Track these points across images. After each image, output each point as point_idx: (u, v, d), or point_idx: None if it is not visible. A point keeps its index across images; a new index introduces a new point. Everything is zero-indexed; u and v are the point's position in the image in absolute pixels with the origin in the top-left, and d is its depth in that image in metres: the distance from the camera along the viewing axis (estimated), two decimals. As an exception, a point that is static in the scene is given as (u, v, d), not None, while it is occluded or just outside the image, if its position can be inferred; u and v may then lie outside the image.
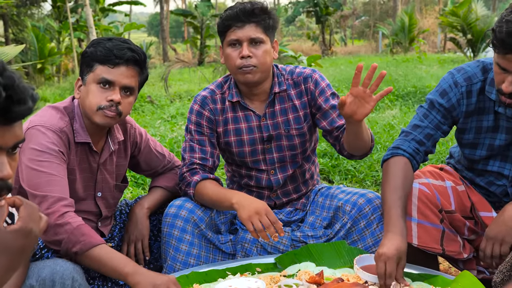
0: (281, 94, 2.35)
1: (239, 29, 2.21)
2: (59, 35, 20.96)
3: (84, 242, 1.79)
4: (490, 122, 2.12)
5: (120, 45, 1.99)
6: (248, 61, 2.20)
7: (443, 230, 2.07)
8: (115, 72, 1.97)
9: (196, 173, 2.25)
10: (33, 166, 1.88)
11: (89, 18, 10.74)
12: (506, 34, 1.80)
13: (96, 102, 1.97)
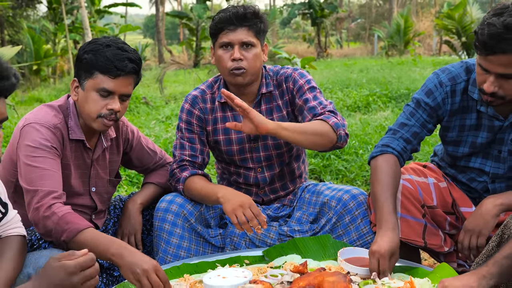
0: (267, 95, 2.43)
1: (231, 32, 2.28)
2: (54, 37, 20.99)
3: (70, 230, 1.85)
4: (473, 121, 2.20)
5: (120, 54, 2.03)
6: (239, 63, 2.27)
7: (425, 224, 2.15)
8: (115, 83, 2.03)
9: (185, 169, 2.33)
10: (28, 162, 1.95)
11: (85, 20, 10.78)
12: (487, 36, 1.87)
13: (96, 110, 2.04)
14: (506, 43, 1.83)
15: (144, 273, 1.73)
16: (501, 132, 2.15)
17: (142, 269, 1.74)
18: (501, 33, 1.83)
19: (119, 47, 2.06)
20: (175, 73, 17.57)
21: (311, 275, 1.72)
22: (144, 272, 1.73)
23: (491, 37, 1.85)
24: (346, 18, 37.65)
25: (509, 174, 2.21)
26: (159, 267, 1.78)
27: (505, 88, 1.94)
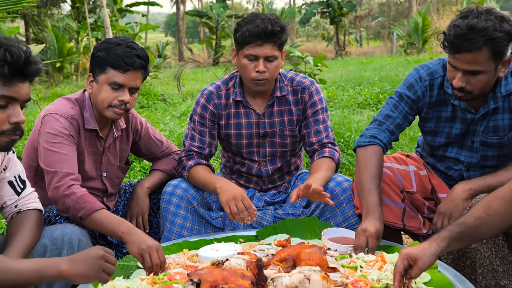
0: (280, 98, 2.65)
1: (258, 47, 2.45)
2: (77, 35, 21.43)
3: (87, 208, 2.11)
4: (448, 113, 2.40)
5: (129, 52, 2.28)
6: (262, 75, 2.48)
7: (404, 208, 2.36)
8: (125, 77, 2.28)
9: (191, 158, 2.57)
10: (48, 147, 2.22)
11: (106, 19, 11.09)
12: (454, 36, 2.09)
13: (108, 101, 2.30)
14: (469, 42, 2.04)
15: (147, 249, 1.98)
16: (474, 124, 2.36)
17: (146, 246, 1.99)
18: (465, 33, 2.04)
19: (128, 45, 2.32)
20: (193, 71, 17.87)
21: (291, 247, 1.95)
22: (148, 248, 1.98)
23: (457, 37, 2.06)
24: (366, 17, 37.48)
25: (481, 163, 2.41)
26: (160, 247, 2.02)
27: (472, 83, 2.14)
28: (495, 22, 2.03)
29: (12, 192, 1.97)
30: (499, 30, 2.03)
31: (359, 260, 1.97)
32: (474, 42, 2.04)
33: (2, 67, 1.61)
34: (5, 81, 1.64)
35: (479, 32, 2.03)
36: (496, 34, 2.02)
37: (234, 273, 1.71)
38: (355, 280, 1.81)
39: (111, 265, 1.69)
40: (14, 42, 1.64)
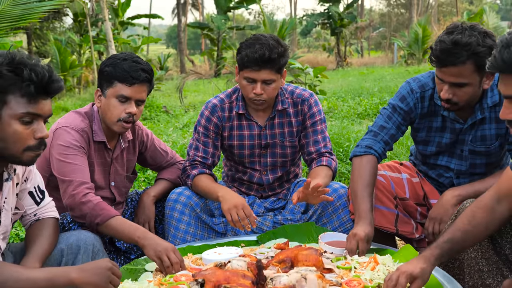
0: (281, 111, 2.78)
1: (255, 72, 2.56)
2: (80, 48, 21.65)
3: (103, 215, 2.25)
4: (438, 123, 2.53)
5: (135, 66, 2.42)
6: (260, 97, 2.61)
7: (397, 214, 2.49)
8: (131, 90, 2.42)
9: (195, 168, 2.70)
10: (61, 158, 2.35)
11: (108, 33, 11.28)
12: (440, 51, 2.23)
13: (116, 115, 2.44)
14: (454, 57, 2.18)
15: (164, 251, 2.12)
16: (462, 133, 2.49)
17: (163, 248, 2.13)
18: (450, 48, 2.18)
19: (134, 60, 2.46)
20: (195, 83, 18.05)
21: (289, 250, 2.08)
22: (165, 251, 2.12)
23: (442, 52, 2.20)
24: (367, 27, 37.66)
25: (470, 171, 2.54)
26: (175, 248, 2.16)
27: (458, 95, 2.28)
28: (478, 38, 2.17)
29: (32, 202, 2.09)
30: (482, 45, 2.17)
31: (353, 261, 2.10)
32: (459, 57, 2.18)
33: (28, 87, 1.73)
34: (30, 99, 1.76)
35: (463, 47, 2.17)
36: (480, 48, 2.16)
37: (236, 273, 1.83)
38: (349, 280, 1.93)
39: (117, 277, 1.81)
40: (38, 62, 1.77)
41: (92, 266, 1.80)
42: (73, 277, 1.73)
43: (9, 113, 1.75)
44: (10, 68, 1.73)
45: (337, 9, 27.86)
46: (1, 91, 1.73)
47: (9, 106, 1.75)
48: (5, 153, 1.79)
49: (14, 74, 1.73)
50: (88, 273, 1.75)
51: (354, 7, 30.24)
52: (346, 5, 28.48)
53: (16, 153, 1.79)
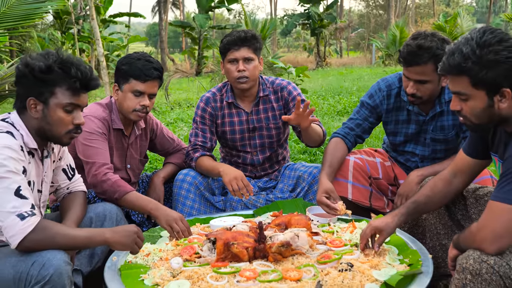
0: (263, 97, 3.21)
1: (236, 51, 3.08)
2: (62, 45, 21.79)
3: (120, 191, 2.65)
4: (404, 117, 2.99)
5: (147, 65, 2.83)
6: (243, 73, 3.08)
7: (371, 191, 2.94)
8: (145, 85, 2.83)
9: (197, 151, 3.13)
10: (86, 143, 2.75)
11: (96, 31, 11.55)
12: (406, 53, 2.68)
13: (132, 106, 2.84)
14: (418, 58, 2.64)
15: (174, 220, 2.53)
16: (425, 124, 2.95)
17: (173, 218, 2.53)
18: (415, 51, 2.64)
19: (146, 59, 2.87)
20: (178, 81, 18.37)
21: (283, 216, 2.52)
22: (174, 219, 2.53)
23: (408, 54, 2.66)
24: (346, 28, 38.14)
25: (432, 156, 3.00)
26: (183, 217, 2.57)
27: (421, 90, 2.74)
28: (437, 43, 2.63)
29: (65, 177, 2.49)
30: (441, 49, 2.63)
31: (336, 227, 2.55)
32: (422, 58, 2.64)
33: (74, 82, 2.13)
34: (74, 92, 2.16)
35: (425, 50, 2.63)
36: (438, 51, 2.62)
37: (241, 233, 2.26)
38: (332, 239, 2.38)
39: (141, 240, 2.21)
40: (81, 62, 2.17)
41: (122, 229, 2.19)
42: (107, 237, 2.12)
43: (56, 102, 2.14)
44: (60, 65, 2.13)
45: (317, 10, 28.22)
46: (52, 84, 2.13)
47: (56, 96, 2.14)
48: (49, 134, 2.19)
49: (62, 71, 2.13)
50: (118, 235, 2.15)
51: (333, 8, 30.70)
52: (326, 6, 28.92)
53: (58, 135, 2.19)
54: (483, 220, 1.88)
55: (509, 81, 1.89)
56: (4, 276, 1.96)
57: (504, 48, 1.86)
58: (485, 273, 1.80)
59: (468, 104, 1.98)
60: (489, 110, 1.94)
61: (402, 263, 2.19)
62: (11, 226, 1.94)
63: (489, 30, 1.91)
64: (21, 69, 2.14)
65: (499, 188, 1.87)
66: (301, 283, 1.97)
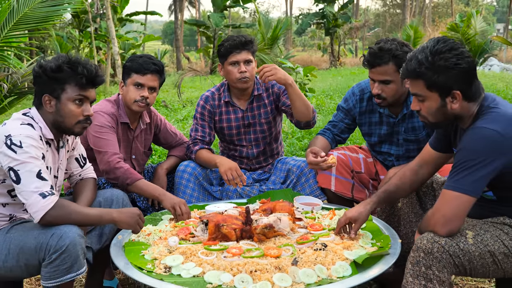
0: (257, 96, 3.51)
1: (238, 54, 3.39)
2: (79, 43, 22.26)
3: (132, 178, 2.98)
4: (376, 119, 3.28)
5: (147, 61, 3.18)
6: (244, 74, 3.39)
7: (353, 184, 3.22)
8: (144, 78, 3.16)
9: (197, 145, 3.44)
10: (97, 135, 3.06)
11: (112, 31, 11.97)
12: (369, 55, 3.01)
13: (133, 97, 3.17)
14: (380, 59, 2.95)
15: (178, 204, 2.85)
16: (396, 126, 3.23)
17: (176, 201, 2.86)
18: (377, 52, 2.95)
19: (147, 57, 3.23)
20: (192, 79, 18.73)
21: (270, 203, 2.82)
22: (178, 203, 2.86)
23: (371, 56, 2.98)
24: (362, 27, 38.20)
25: (407, 155, 3.28)
26: (185, 203, 2.89)
27: (385, 91, 3.02)
28: (397, 45, 2.95)
29: (77, 166, 2.80)
30: (400, 50, 2.93)
31: (317, 214, 2.83)
32: (383, 58, 2.95)
33: (81, 79, 2.46)
34: (81, 87, 2.48)
35: (386, 51, 2.94)
36: (398, 52, 2.92)
37: (231, 216, 2.56)
38: (312, 224, 2.67)
39: (142, 222, 2.53)
40: (88, 62, 2.50)
41: (126, 210, 2.51)
42: (114, 216, 2.45)
43: (66, 96, 2.47)
44: (69, 65, 2.46)
45: (331, 10, 28.34)
46: (62, 81, 2.46)
47: (66, 91, 2.47)
48: (62, 126, 2.51)
49: (71, 69, 2.45)
50: (124, 215, 2.47)
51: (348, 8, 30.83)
52: (341, 5, 29.06)
53: (70, 126, 2.51)
54: (436, 206, 2.16)
55: (459, 84, 2.18)
56: (27, 245, 2.30)
57: (453, 56, 2.15)
58: (436, 252, 2.08)
59: (425, 105, 2.27)
60: (443, 110, 2.23)
61: (374, 246, 2.47)
62: (34, 203, 2.27)
63: (442, 40, 2.21)
64: (36, 70, 2.48)
65: (450, 178, 2.15)
66: (280, 259, 2.26)
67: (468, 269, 2.13)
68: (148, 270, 2.28)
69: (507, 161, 2.10)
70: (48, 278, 2.27)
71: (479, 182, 2.10)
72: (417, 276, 2.10)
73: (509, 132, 2.11)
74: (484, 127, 2.13)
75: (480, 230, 2.18)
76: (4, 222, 2.47)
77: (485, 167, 2.08)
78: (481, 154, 2.09)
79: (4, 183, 2.42)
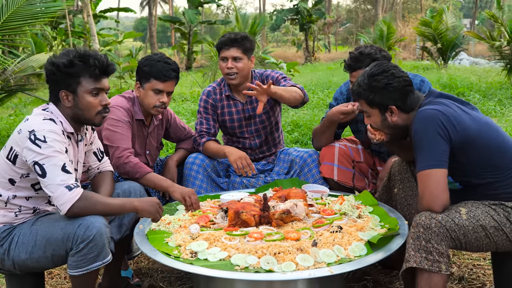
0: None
1: (227, 50, 3.56)
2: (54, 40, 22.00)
3: (141, 172, 3.09)
4: (362, 117, 3.43)
5: (167, 67, 3.25)
6: (231, 70, 3.55)
7: (353, 173, 3.40)
8: (164, 85, 3.26)
9: (203, 137, 3.59)
10: (112, 129, 3.16)
11: (92, 28, 11.95)
12: (350, 60, 3.26)
13: (153, 103, 3.27)
14: (360, 62, 3.19)
15: (187, 193, 2.97)
16: None
17: (186, 192, 2.98)
18: (358, 56, 3.20)
19: (165, 61, 3.28)
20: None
21: (283, 190, 2.98)
22: (187, 193, 2.97)
23: (352, 60, 3.23)
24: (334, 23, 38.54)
25: None
26: (195, 192, 3.01)
27: None
28: (376, 50, 3.21)
29: (95, 159, 2.90)
30: (379, 54, 3.18)
31: (327, 200, 3.00)
32: (364, 62, 3.17)
33: (94, 70, 2.55)
34: (95, 78, 2.56)
35: (366, 55, 3.18)
36: (377, 56, 3.17)
37: (249, 203, 2.71)
38: (324, 209, 2.83)
39: (161, 210, 2.65)
40: (97, 53, 2.58)
41: (147, 199, 2.63)
42: (136, 205, 2.57)
43: (83, 89, 2.55)
44: (80, 59, 2.53)
45: (305, 5, 28.58)
46: (76, 76, 2.54)
47: (82, 85, 2.55)
48: (82, 118, 2.60)
49: (83, 63, 2.53)
50: (145, 204, 2.59)
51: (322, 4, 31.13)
52: (315, 1, 29.32)
53: (90, 117, 2.60)
54: (420, 190, 2.39)
55: (394, 101, 2.55)
56: (55, 236, 2.40)
57: (384, 77, 2.54)
58: (434, 227, 2.29)
59: (371, 119, 2.64)
60: (385, 123, 2.61)
61: (383, 228, 2.65)
62: (61, 196, 2.37)
63: (377, 64, 2.60)
64: (49, 68, 2.55)
65: (416, 162, 2.40)
66: (300, 242, 2.42)
67: (463, 242, 2.35)
68: (175, 255, 2.41)
69: (450, 134, 2.36)
70: (75, 267, 2.38)
71: (438, 153, 2.34)
72: (418, 250, 2.29)
73: (447, 111, 2.39)
74: (424, 109, 2.43)
75: (471, 207, 2.40)
76: (29, 214, 2.57)
77: (435, 138, 2.34)
78: (425, 128, 2.37)
79: (28, 177, 2.50)
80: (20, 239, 2.47)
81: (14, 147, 2.47)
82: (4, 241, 2.49)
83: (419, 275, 2.28)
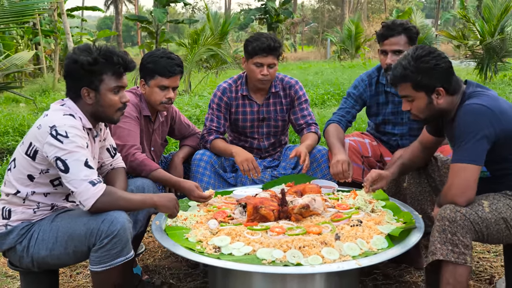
0: (274, 93, 3.69)
1: (264, 57, 3.50)
2: (21, 39, 21.54)
3: (147, 168, 3.08)
4: (383, 99, 3.55)
5: (170, 62, 3.22)
6: (266, 77, 3.54)
7: (363, 168, 3.45)
8: (169, 81, 3.24)
9: (211, 134, 3.58)
10: (120, 125, 3.12)
11: (66, 26, 11.72)
12: (383, 28, 3.38)
13: (159, 99, 3.25)
14: (393, 30, 3.30)
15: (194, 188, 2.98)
16: (400, 104, 3.45)
17: (194, 185, 3.00)
18: (390, 25, 3.32)
19: (168, 57, 3.25)
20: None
21: (298, 185, 3.01)
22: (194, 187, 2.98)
23: (385, 28, 3.33)
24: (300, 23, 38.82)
25: (410, 133, 3.57)
26: (199, 186, 3.04)
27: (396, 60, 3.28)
28: (407, 21, 3.32)
29: (108, 156, 2.88)
30: (411, 25, 3.29)
31: (339, 194, 3.05)
32: (396, 29, 3.29)
33: (119, 68, 2.54)
34: (117, 76, 2.56)
35: (398, 25, 3.30)
36: (409, 25, 3.29)
37: (267, 198, 2.73)
38: (339, 204, 2.88)
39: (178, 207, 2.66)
40: (117, 49, 2.57)
41: (165, 195, 2.63)
42: (155, 200, 2.57)
43: (105, 87, 2.54)
44: (103, 56, 2.52)
45: (273, 5, 28.74)
46: (99, 73, 2.52)
47: (104, 82, 2.53)
48: (103, 115, 2.59)
49: (106, 60, 2.52)
50: (164, 199, 2.60)
51: (289, 3, 31.33)
52: (283, 1, 29.50)
53: (110, 114, 2.59)
54: (449, 181, 2.45)
55: (441, 82, 2.53)
56: (77, 232, 2.38)
57: (432, 58, 2.52)
58: (459, 220, 2.35)
59: (414, 104, 2.61)
60: (430, 106, 2.58)
61: (398, 222, 2.70)
62: (84, 191, 2.34)
63: (420, 47, 2.57)
64: (70, 65, 2.51)
65: (454, 153, 2.46)
66: (322, 236, 2.45)
67: (485, 235, 2.41)
68: (198, 251, 2.41)
69: (496, 132, 2.40)
70: (98, 263, 2.37)
71: (479, 151, 2.38)
72: (444, 243, 2.35)
73: (494, 106, 2.42)
74: (472, 103, 2.45)
75: (493, 200, 2.46)
76: (47, 211, 2.53)
77: (480, 137, 2.37)
78: (472, 125, 2.39)
79: (47, 173, 2.47)
80: (40, 236, 2.44)
81: (34, 143, 2.44)
82: (23, 238, 2.46)
83: (444, 267, 2.34)
